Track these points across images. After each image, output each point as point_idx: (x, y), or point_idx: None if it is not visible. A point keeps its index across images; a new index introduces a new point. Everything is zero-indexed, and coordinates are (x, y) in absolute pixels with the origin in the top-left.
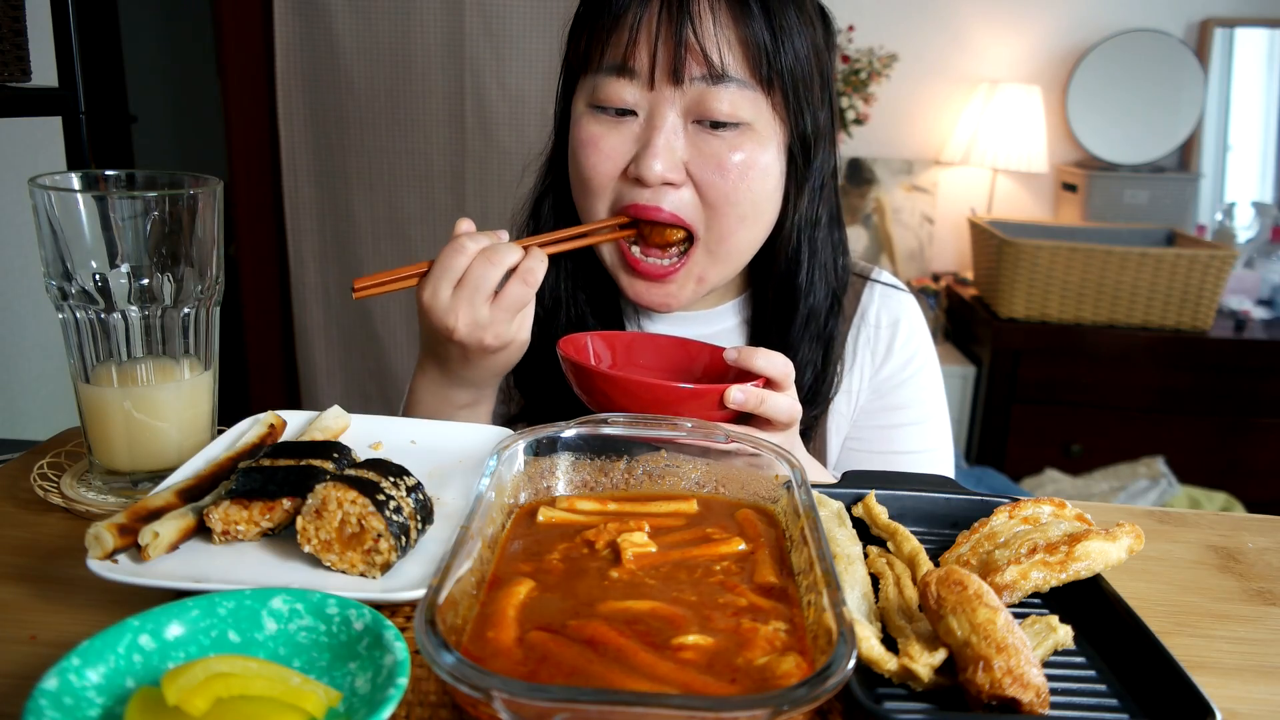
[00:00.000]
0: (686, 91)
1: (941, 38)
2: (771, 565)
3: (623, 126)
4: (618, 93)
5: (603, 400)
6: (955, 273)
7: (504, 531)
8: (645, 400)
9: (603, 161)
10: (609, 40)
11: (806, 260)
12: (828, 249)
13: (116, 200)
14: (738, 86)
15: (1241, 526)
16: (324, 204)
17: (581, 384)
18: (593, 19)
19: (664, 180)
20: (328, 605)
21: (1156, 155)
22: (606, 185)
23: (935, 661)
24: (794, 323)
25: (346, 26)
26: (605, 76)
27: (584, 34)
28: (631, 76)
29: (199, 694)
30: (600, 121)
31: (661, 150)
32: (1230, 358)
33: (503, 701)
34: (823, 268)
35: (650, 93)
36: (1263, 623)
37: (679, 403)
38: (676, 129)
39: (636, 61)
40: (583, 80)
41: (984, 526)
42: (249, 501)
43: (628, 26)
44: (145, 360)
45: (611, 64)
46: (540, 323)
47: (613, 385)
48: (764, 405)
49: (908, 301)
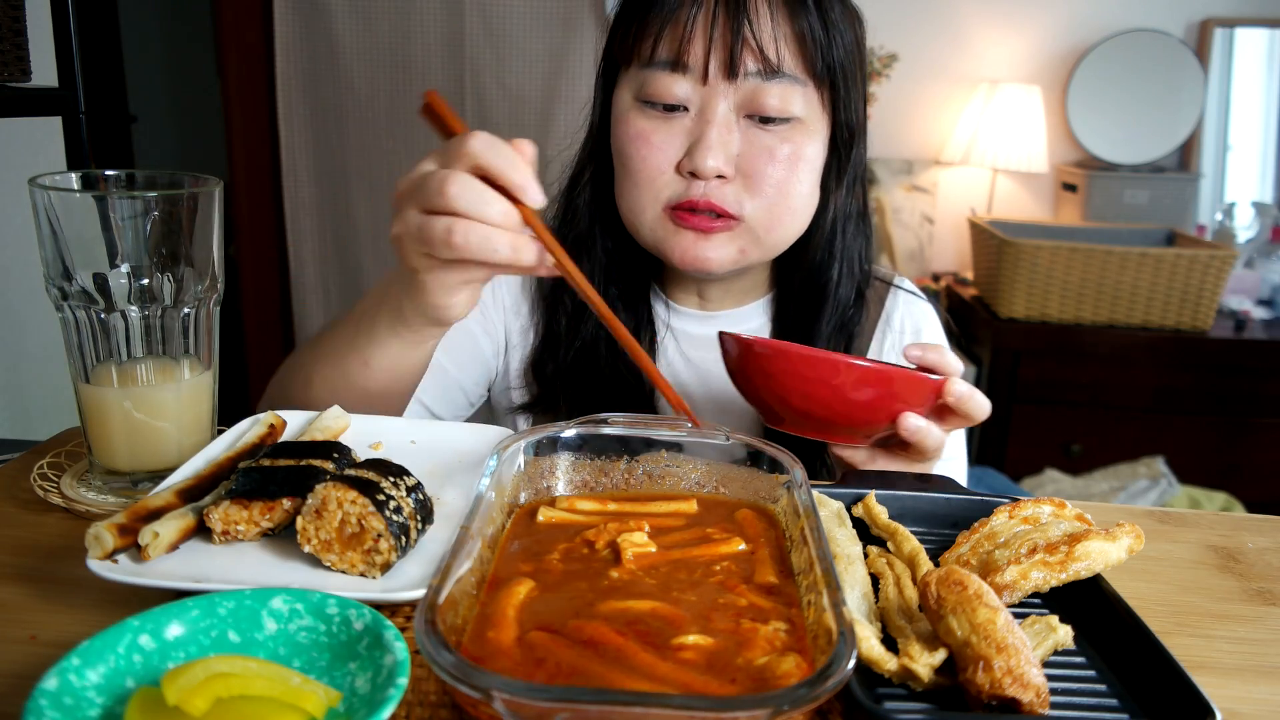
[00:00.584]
0: (740, 87)
1: (941, 38)
2: (771, 565)
3: (673, 121)
4: (669, 88)
5: (784, 388)
6: (955, 273)
7: (504, 531)
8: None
9: (654, 155)
10: (662, 34)
11: (839, 254)
12: (857, 243)
13: (116, 200)
14: (790, 82)
15: (1241, 526)
16: (324, 204)
17: (766, 368)
18: (642, 12)
19: (717, 174)
20: (328, 605)
21: (1156, 155)
22: (657, 179)
23: (935, 661)
24: (822, 317)
25: (346, 26)
26: (657, 71)
27: (633, 27)
28: (685, 71)
29: (199, 694)
30: (649, 116)
31: (715, 145)
32: (1230, 358)
33: (503, 701)
34: (849, 262)
35: (703, 87)
36: (1263, 623)
37: (892, 389)
38: (729, 123)
39: (691, 57)
40: (626, 72)
41: (984, 526)
42: (249, 501)
43: (683, 22)
44: (145, 360)
45: (664, 59)
46: (571, 315)
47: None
48: (972, 400)
49: (930, 311)
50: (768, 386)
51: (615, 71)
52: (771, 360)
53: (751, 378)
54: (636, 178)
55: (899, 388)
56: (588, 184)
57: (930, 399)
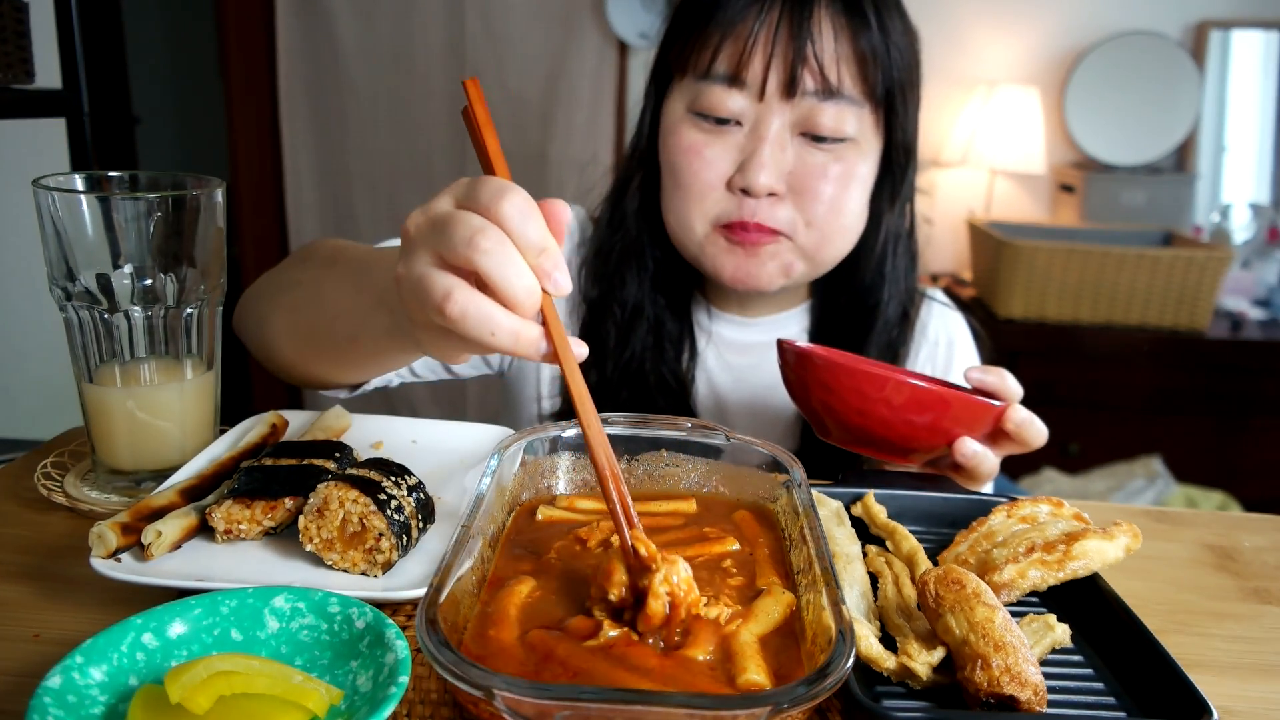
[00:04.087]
0: (797, 105)
1: (939, 39)
2: (770, 565)
3: (726, 135)
4: (724, 102)
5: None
6: (953, 273)
7: (504, 530)
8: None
9: (705, 169)
10: (721, 47)
11: (889, 275)
12: (904, 262)
13: (119, 201)
14: (847, 103)
15: (1238, 525)
16: (326, 205)
17: (825, 381)
18: (700, 24)
19: (770, 191)
20: (329, 604)
21: (1153, 156)
22: (707, 194)
23: (933, 660)
24: (870, 336)
25: (349, 28)
26: (712, 84)
27: (691, 39)
28: (742, 87)
29: (201, 692)
30: (702, 129)
31: (769, 162)
32: (1227, 358)
33: (504, 700)
34: (897, 283)
35: (759, 104)
36: (1259, 621)
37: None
38: (783, 141)
39: (750, 73)
40: (679, 83)
41: (982, 525)
42: (251, 500)
43: (744, 37)
44: (148, 360)
45: (722, 73)
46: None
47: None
48: (1031, 426)
49: (961, 322)
50: (824, 399)
51: (668, 80)
52: (832, 373)
53: (809, 387)
54: (687, 191)
55: (958, 411)
56: (636, 191)
57: (989, 424)
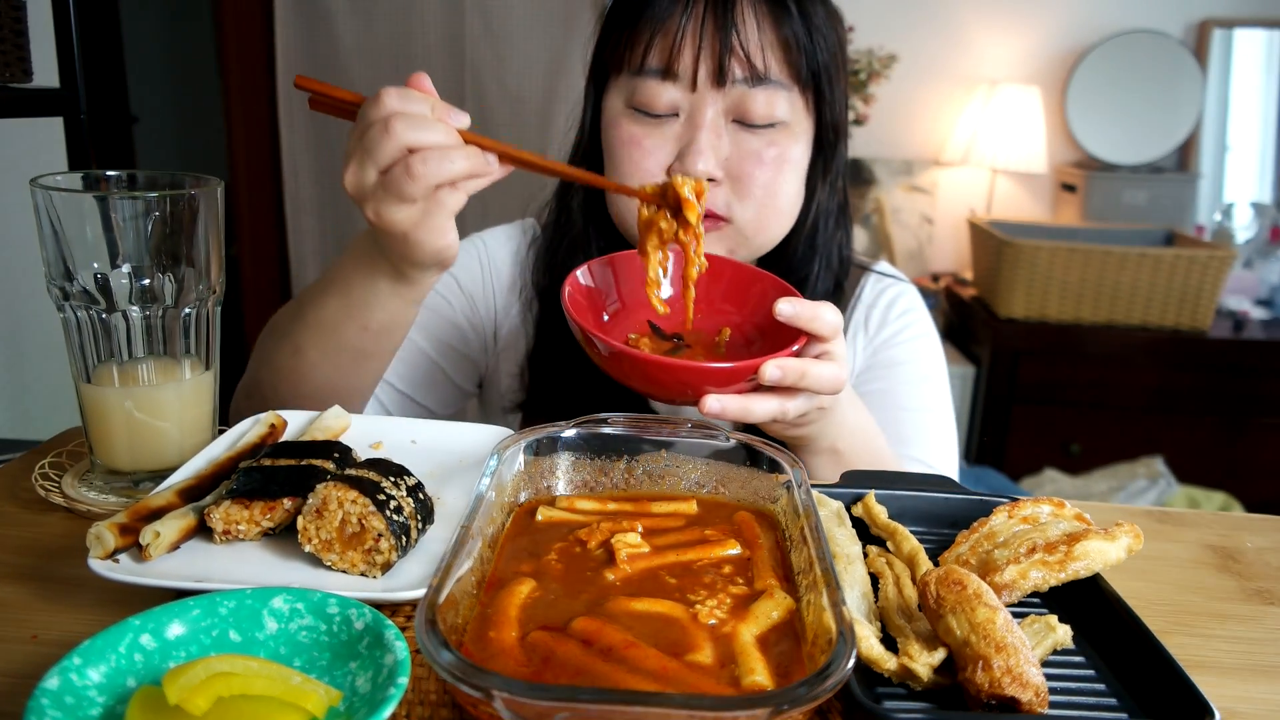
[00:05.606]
0: (728, 93)
1: (941, 38)
2: (770, 566)
3: (663, 126)
4: (660, 95)
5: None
6: (955, 273)
7: (504, 531)
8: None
9: (645, 159)
10: (653, 43)
11: (819, 248)
12: (836, 236)
13: (117, 201)
14: (776, 87)
15: (1240, 526)
16: (324, 204)
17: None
18: (631, 22)
19: (708, 177)
20: (328, 605)
21: (1155, 156)
22: (647, 183)
23: (934, 661)
24: None
25: (347, 27)
26: (647, 79)
27: (623, 37)
28: (674, 79)
29: (200, 693)
30: (640, 122)
31: (706, 149)
32: (1229, 358)
33: (503, 701)
34: (828, 256)
35: (692, 94)
36: (1261, 622)
37: (704, 383)
38: (719, 129)
39: (680, 65)
40: (616, 79)
41: (983, 526)
42: (250, 501)
43: (673, 31)
44: (146, 360)
45: (654, 67)
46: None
47: (627, 364)
48: (806, 379)
49: (906, 287)
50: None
51: (605, 77)
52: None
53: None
54: (629, 181)
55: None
56: (580, 186)
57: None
